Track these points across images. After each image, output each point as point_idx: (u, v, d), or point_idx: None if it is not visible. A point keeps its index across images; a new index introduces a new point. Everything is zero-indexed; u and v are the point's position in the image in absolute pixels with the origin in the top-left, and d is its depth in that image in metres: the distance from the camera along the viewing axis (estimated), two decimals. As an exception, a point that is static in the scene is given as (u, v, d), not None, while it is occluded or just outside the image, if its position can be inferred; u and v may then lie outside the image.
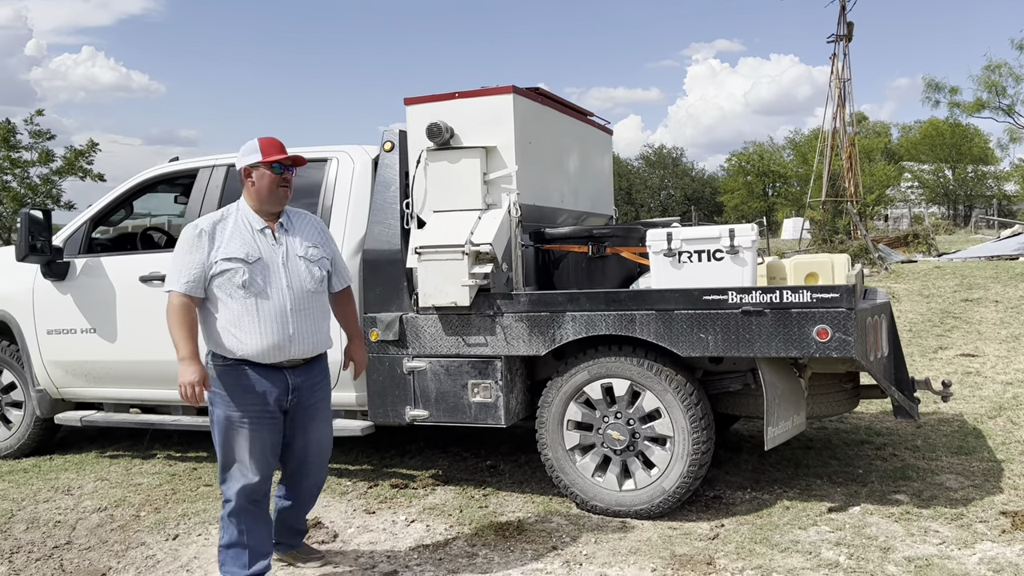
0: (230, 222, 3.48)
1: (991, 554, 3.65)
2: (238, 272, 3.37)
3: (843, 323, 3.83)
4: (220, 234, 3.44)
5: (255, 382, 3.40)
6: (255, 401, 3.40)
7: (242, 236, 3.44)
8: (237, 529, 3.41)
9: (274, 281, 3.43)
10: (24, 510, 4.72)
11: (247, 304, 3.38)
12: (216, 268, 3.38)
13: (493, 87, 4.64)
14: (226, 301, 3.38)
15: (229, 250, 3.39)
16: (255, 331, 3.37)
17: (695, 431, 4.18)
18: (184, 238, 3.45)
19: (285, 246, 3.51)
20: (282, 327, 3.41)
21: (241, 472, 3.40)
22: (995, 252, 19.02)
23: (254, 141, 3.53)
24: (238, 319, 3.37)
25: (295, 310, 3.45)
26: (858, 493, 4.51)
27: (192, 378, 3.32)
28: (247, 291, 3.38)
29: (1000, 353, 8.41)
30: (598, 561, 3.79)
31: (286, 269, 3.47)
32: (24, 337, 5.63)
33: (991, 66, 25.87)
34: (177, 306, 3.37)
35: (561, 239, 4.89)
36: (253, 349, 3.38)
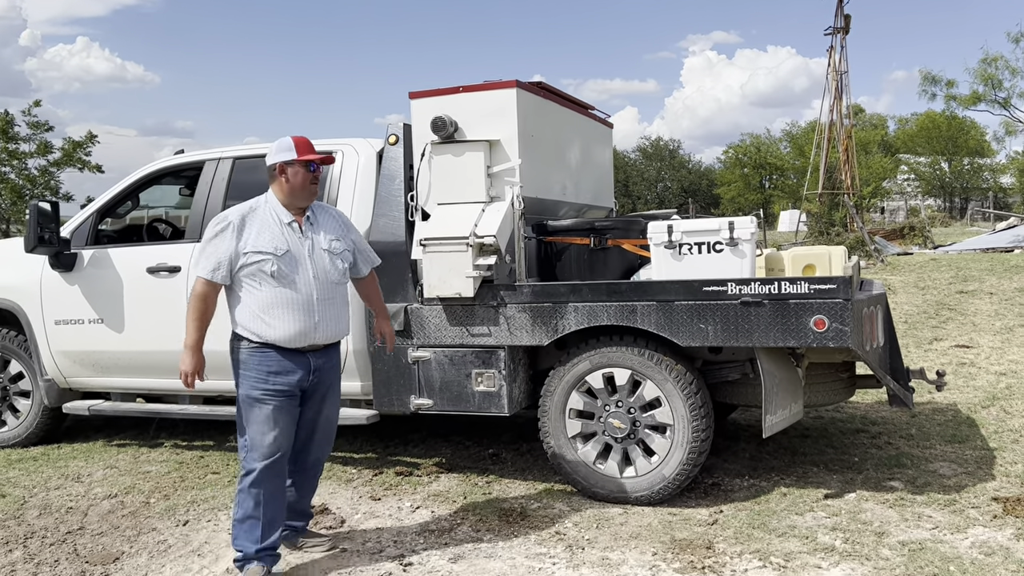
0: (259, 215, 3.65)
1: (983, 538, 3.75)
2: (268, 263, 3.56)
3: (840, 314, 3.92)
4: (250, 226, 3.61)
5: (281, 364, 3.59)
6: (280, 382, 3.59)
7: (271, 229, 3.62)
8: (255, 502, 3.55)
9: (301, 272, 3.62)
10: (36, 497, 4.80)
11: (277, 293, 3.57)
12: (246, 259, 3.56)
13: (496, 81, 4.71)
14: (257, 288, 3.57)
15: (259, 243, 3.58)
16: (284, 318, 3.57)
17: (695, 419, 4.27)
18: (213, 228, 3.61)
19: (311, 239, 3.69)
20: (308, 315, 3.61)
21: (265, 447, 3.56)
22: (990, 244, 19.15)
23: (288, 139, 3.70)
24: (268, 306, 3.56)
25: (320, 300, 3.65)
26: (854, 480, 4.61)
27: (189, 367, 3.54)
28: (277, 281, 3.57)
29: (994, 344, 8.52)
30: (600, 545, 3.88)
31: (312, 261, 3.66)
32: (32, 327, 5.70)
33: (987, 59, 25.95)
34: (200, 293, 3.56)
35: (563, 231, 4.97)
36: (281, 335, 3.56)
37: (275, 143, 3.72)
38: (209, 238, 3.59)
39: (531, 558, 3.78)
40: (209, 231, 3.62)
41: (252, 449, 3.57)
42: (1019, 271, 14.20)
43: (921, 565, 3.50)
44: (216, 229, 3.59)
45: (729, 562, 3.64)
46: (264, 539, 3.56)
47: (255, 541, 3.55)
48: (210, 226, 3.63)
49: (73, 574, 3.73)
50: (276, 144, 3.71)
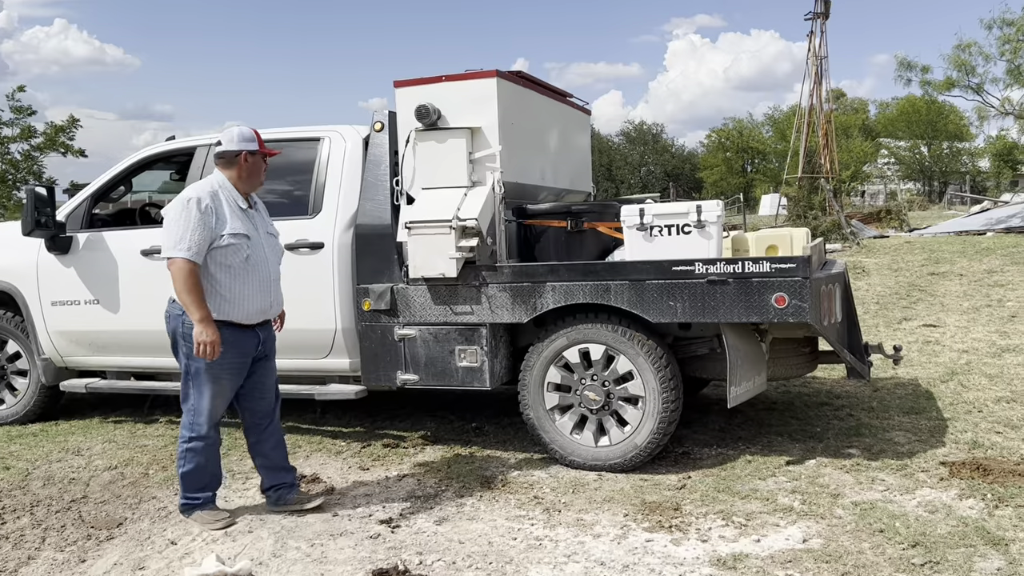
0: (222, 198, 3.92)
1: (929, 498, 4.05)
2: (242, 247, 3.86)
3: (799, 291, 4.19)
4: (221, 207, 3.88)
5: (237, 339, 3.96)
6: (236, 355, 3.98)
7: (236, 213, 3.93)
8: (204, 458, 4.05)
9: (259, 254, 4.00)
10: (39, 469, 5.02)
11: (248, 274, 3.92)
12: (222, 241, 3.81)
13: (478, 71, 4.93)
14: (223, 270, 3.87)
15: (234, 226, 3.86)
16: (248, 297, 3.95)
17: (665, 391, 4.54)
18: (187, 208, 3.79)
19: (257, 224, 4.06)
20: (267, 294, 4.04)
21: (215, 413, 4.03)
22: (964, 227, 19.56)
23: (248, 130, 4.04)
24: (232, 286, 3.88)
25: (273, 279, 4.10)
26: (814, 448, 4.91)
27: (212, 338, 3.80)
28: (246, 263, 3.89)
29: (960, 324, 8.86)
30: (575, 508, 4.16)
31: (264, 243, 4.05)
32: (29, 308, 5.89)
33: (961, 45, 26.26)
34: (187, 271, 3.78)
35: (542, 215, 5.21)
36: (244, 313, 3.94)
37: (233, 131, 4.03)
38: (190, 218, 3.77)
39: (511, 520, 4.04)
40: (184, 211, 3.79)
41: (201, 414, 4.00)
42: (989, 253, 14.58)
43: (870, 522, 3.80)
44: (195, 210, 3.77)
45: (695, 522, 3.92)
46: (209, 488, 4.11)
47: (200, 489, 4.07)
48: (181, 207, 3.80)
49: (80, 538, 3.97)
50: (237, 132, 4.01)
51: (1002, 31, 25.05)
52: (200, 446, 4.03)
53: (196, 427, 4.01)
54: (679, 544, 3.69)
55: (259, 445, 4.23)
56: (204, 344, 3.78)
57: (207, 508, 4.10)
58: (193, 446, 4.02)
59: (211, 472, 4.12)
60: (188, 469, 4.04)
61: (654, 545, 3.70)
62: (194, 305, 3.77)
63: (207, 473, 4.09)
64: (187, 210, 3.81)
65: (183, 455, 4.04)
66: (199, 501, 4.09)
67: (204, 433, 4.02)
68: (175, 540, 3.91)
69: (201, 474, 4.07)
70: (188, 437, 4.03)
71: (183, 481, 4.08)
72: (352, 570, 3.54)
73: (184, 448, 4.04)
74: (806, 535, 3.71)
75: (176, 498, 4.44)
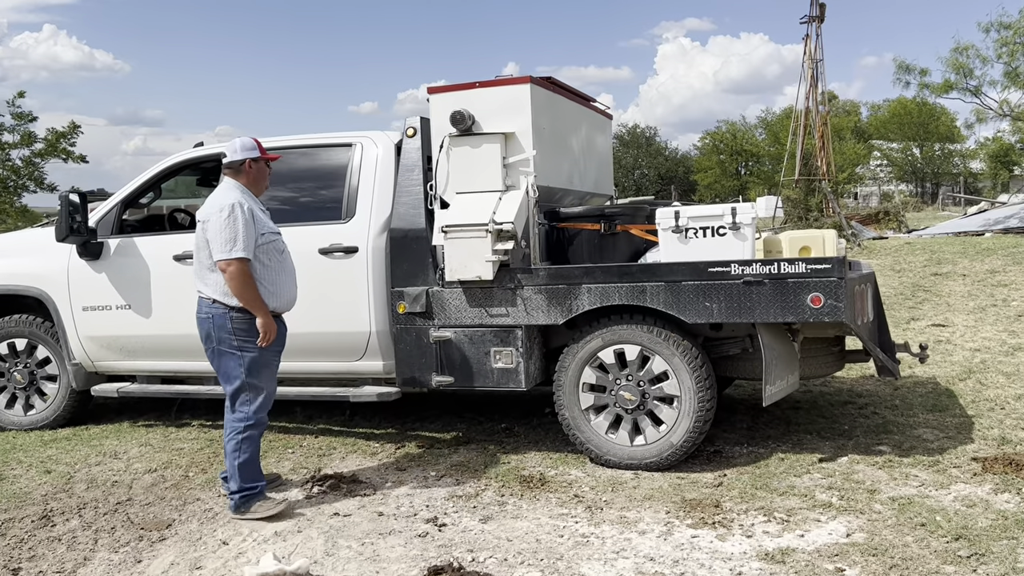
0: (252, 202, 4.26)
1: (964, 493, 4.14)
2: (279, 241, 4.28)
3: (834, 291, 4.28)
4: (255, 210, 4.23)
5: (279, 328, 4.30)
6: (278, 344, 4.31)
7: (264, 214, 4.31)
8: (257, 446, 4.29)
9: (286, 249, 4.38)
10: (80, 472, 5.06)
11: (281, 267, 4.27)
12: (264, 239, 4.19)
13: (511, 77, 5.02)
14: (265, 264, 4.19)
15: (268, 224, 4.26)
16: (286, 288, 4.33)
17: (700, 391, 4.62)
18: (232, 213, 4.10)
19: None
20: (295, 285, 4.42)
21: (267, 397, 4.30)
22: (962, 228, 19.70)
23: (249, 140, 4.39)
24: (275, 278, 4.24)
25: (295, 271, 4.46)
26: (845, 446, 5.00)
27: (274, 328, 4.20)
28: (282, 257, 4.28)
29: (968, 323, 8.97)
30: (617, 506, 4.23)
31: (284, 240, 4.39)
32: (60, 314, 5.93)
33: (959, 48, 26.50)
34: (245, 271, 4.09)
35: (575, 218, 5.28)
36: (285, 302, 4.33)
37: (236, 142, 4.35)
38: (238, 223, 4.08)
39: (555, 518, 4.11)
40: (229, 217, 4.09)
41: (260, 400, 4.24)
42: (990, 254, 14.71)
43: (910, 516, 3.88)
44: (241, 215, 4.10)
45: (737, 518, 4.00)
46: (262, 478, 4.34)
47: (256, 479, 4.26)
48: (227, 213, 4.09)
49: (132, 539, 4.02)
50: (239, 143, 4.33)
51: (999, 34, 25.27)
52: (256, 434, 4.27)
53: (256, 414, 4.23)
54: (724, 540, 3.77)
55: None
56: (271, 334, 4.16)
57: (264, 496, 4.27)
58: (250, 434, 4.23)
59: (258, 459, 4.34)
60: (245, 459, 4.21)
61: (700, 541, 3.77)
62: (257, 301, 4.13)
63: (258, 460, 4.32)
64: (233, 215, 4.07)
65: (239, 445, 4.20)
66: (257, 489, 4.25)
67: (259, 420, 4.25)
68: (226, 540, 3.97)
69: (255, 463, 4.27)
70: (244, 427, 4.22)
71: (241, 472, 4.20)
72: (406, 568, 3.61)
73: (241, 438, 4.21)
74: (849, 529, 3.79)
75: (221, 499, 4.50)
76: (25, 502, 4.58)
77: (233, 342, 4.17)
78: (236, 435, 4.20)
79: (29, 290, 6.03)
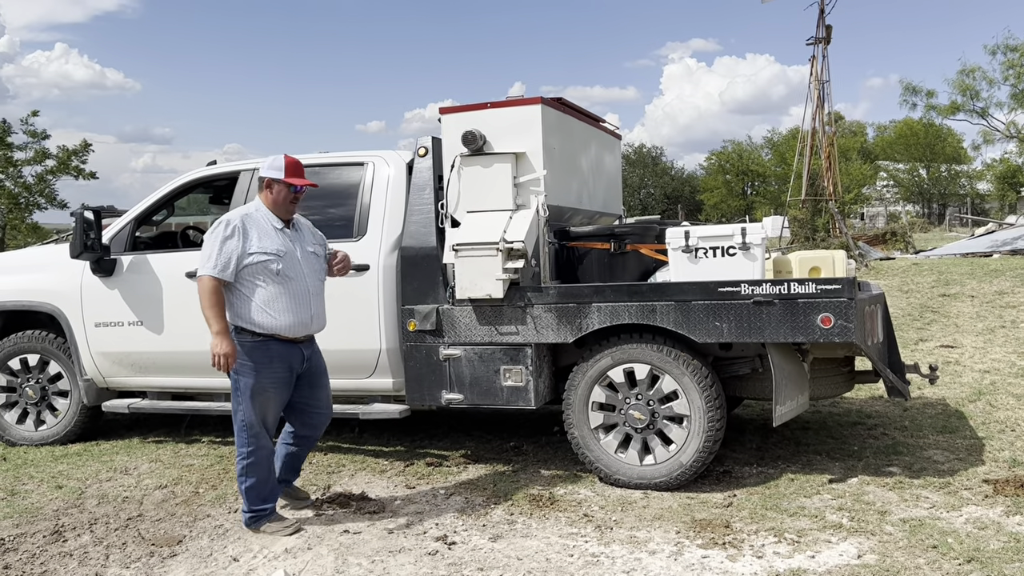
0: (256, 220, 4.20)
1: (976, 515, 4.13)
2: (273, 262, 4.12)
3: (844, 311, 4.29)
4: (251, 229, 4.14)
5: (280, 354, 4.18)
6: (280, 369, 4.18)
7: (270, 234, 4.19)
8: (265, 470, 4.23)
9: (297, 271, 4.21)
10: (91, 488, 5.08)
11: (281, 289, 4.14)
12: (252, 259, 4.09)
13: (522, 98, 5.06)
14: (262, 285, 4.11)
15: (264, 244, 4.14)
16: (287, 310, 4.15)
17: (710, 410, 4.63)
18: (215, 230, 4.11)
19: (299, 243, 4.29)
20: (305, 308, 4.23)
21: (265, 428, 4.21)
22: (970, 249, 19.70)
23: (281, 158, 4.25)
24: (272, 300, 4.11)
25: (313, 295, 4.29)
26: (855, 467, 4.99)
27: (227, 350, 4.02)
28: (281, 278, 4.14)
29: (977, 344, 8.95)
30: (627, 525, 4.23)
31: (303, 261, 4.26)
32: (72, 330, 5.96)
33: (965, 70, 26.68)
34: (211, 288, 4.05)
35: (585, 237, 5.32)
36: (284, 324, 4.14)
37: (270, 158, 4.28)
38: (217, 240, 4.07)
39: (564, 537, 4.11)
40: (215, 233, 4.10)
41: (253, 428, 4.16)
42: (998, 275, 14.69)
43: (922, 538, 3.87)
44: (223, 232, 4.08)
45: (747, 538, 3.99)
46: (272, 499, 4.31)
47: (264, 501, 4.24)
48: (214, 229, 4.13)
49: (143, 555, 4.03)
50: (271, 159, 4.27)
51: (1006, 56, 25.42)
52: (258, 459, 4.18)
53: (250, 441, 4.17)
54: (735, 560, 3.76)
55: (294, 455, 4.50)
56: (219, 356, 4.00)
57: (273, 518, 4.26)
58: (251, 461, 4.18)
59: (272, 483, 4.29)
60: (250, 484, 4.19)
61: (711, 561, 3.77)
62: (214, 319, 4.03)
63: (268, 484, 4.26)
64: (215, 232, 4.13)
65: (243, 471, 4.18)
66: (265, 512, 4.25)
67: (259, 445, 4.18)
68: (237, 557, 3.97)
69: (263, 486, 4.23)
70: (244, 453, 4.18)
71: (247, 496, 4.20)
72: (417, 586, 3.61)
73: (243, 465, 4.18)
74: (860, 551, 3.78)
75: (231, 515, 4.52)
76: (37, 517, 4.60)
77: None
78: (240, 460, 4.19)
79: (42, 306, 6.07)
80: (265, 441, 4.21)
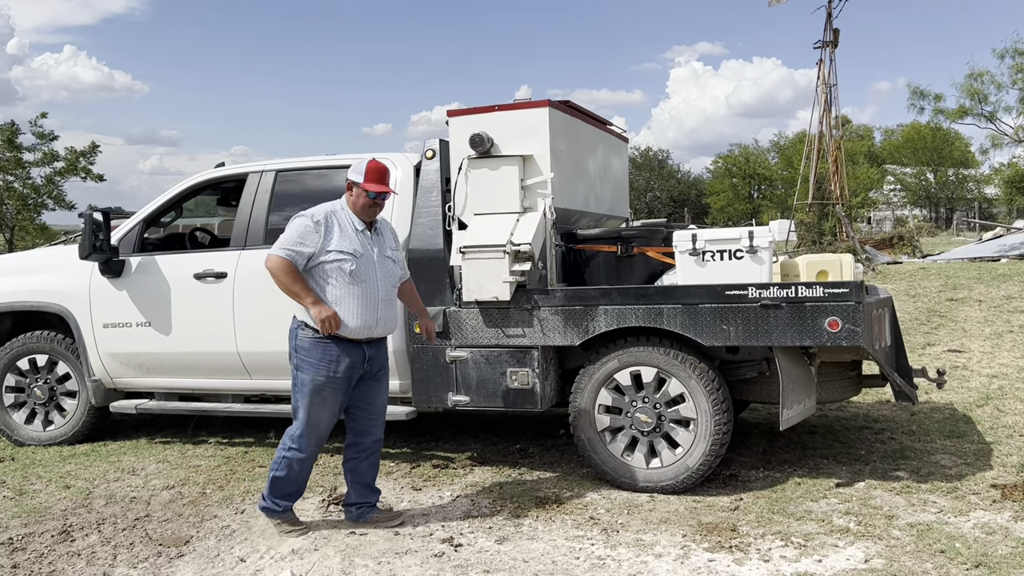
0: (339, 218, 4.17)
1: (984, 520, 4.12)
2: (347, 262, 4.09)
3: (852, 315, 4.29)
4: (333, 227, 4.13)
5: (342, 353, 4.11)
6: (340, 369, 4.11)
7: (349, 234, 4.15)
8: (299, 467, 4.20)
9: (370, 273, 4.17)
10: (99, 488, 5.10)
11: (351, 289, 4.09)
12: (328, 256, 4.08)
13: (529, 101, 5.07)
14: (333, 284, 4.09)
15: (342, 244, 4.11)
16: (355, 312, 4.10)
17: (717, 413, 4.62)
18: (301, 222, 4.11)
19: (377, 246, 4.25)
20: (373, 311, 4.16)
21: (317, 429, 4.17)
22: (978, 254, 19.64)
23: (364, 162, 4.21)
24: (341, 300, 4.08)
25: (383, 299, 4.22)
26: (862, 471, 4.97)
27: (329, 312, 4.01)
28: (352, 278, 4.10)
29: (985, 349, 8.92)
30: (633, 529, 4.22)
31: (378, 265, 4.22)
32: (81, 330, 5.99)
33: (973, 74, 26.63)
34: (285, 266, 4.04)
35: (592, 239, 5.32)
36: (351, 327, 4.10)
37: (359, 161, 4.22)
38: (299, 228, 4.07)
39: (570, 539, 4.11)
40: (299, 221, 4.11)
41: (305, 425, 4.13)
42: (1006, 279, 14.64)
43: (929, 543, 3.86)
44: (306, 223, 4.08)
45: (754, 542, 3.98)
46: (294, 500, 4.28)
47: (287, 498, 4.24)
48: (298, 216, 4.14)
49: (150, 555, 4.04)
50: (356, 163, 4.22)
51: (1015, 60, 25.34)
52: (298, 457, 4.17)
53: (299, 438, 4.16)
54: (742, 564, 3.76)
55: (356, 462, 4.36)
56: (326, 319, 3.99)
57: (286, 516, 4.25)
58: (291, 455, 4.17)
59: (299, 483, 4.27)
60: (280, 475, 4.19)
61: (717, 565, 3.76)
62: (302, 292, 4.04)
63: (295, 483, 4.25)
64: (298, 221, 4.12)
65: (279, 460, 4.19)
66: (280, 508, 4.24)
67: (305, 445, 4.17)
68: (244, 558, 3.99)
69: (290, 483, 4.22)
70: (288, 446, 4.18)
71: (271, 485, 4.22)
72: (423, 588, 3.61)
73: (282, 455, 4.19)
74: (867, 555, 3.77)
75: (238, 516, 4.53)
76: (45, 517, 4.62)
77: (295, 359, 4.16)
78: (281, 450, 4.20)
79: (51, 306, 6.10)
80: (308, 443, 4.17)
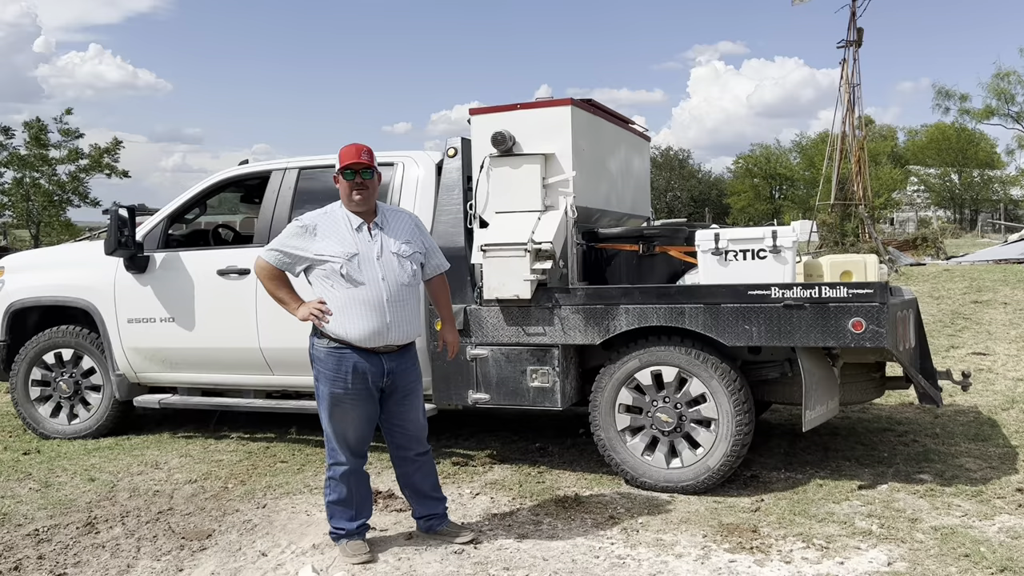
0: (331, 218, 3.93)
1: (1009, 524, 4.07)
2: (337, 264, 3.81)
3: (876, 316, 4.25)
4: (322, 229, 3.89)
5: (356, 364, 3.85)
6: (356, 380, 3.85)
7: (340, 233, 3.88)
8: (346, 487, 3.95)
9: (370, 274, 3.84)
10: (122, 481, 5.16)
11: (349, 294, 3.82)
12: (320, 259, 3.85)
13: (551, 99, 5.06)
14: (331, 289, 3.84)
15: (331, 246, 3.85)
16: (358, 318, 3.81)
17: (738, 414, 4.60)
18: (290, 225, 3.99)
19: (380, 243, 3.90)
20: (380, 316, 3.83)
21: (346, 440, 3.92)
22: (1002, 256, 19.39)
23: (345, 148, 3.91)
24: (343, 307, 3.82)
25: (391, 301, 3.85)
26: (884, 473, 4.93)
27: (312, 307, 3.81)
28: (348, 281, 3.81)
29: (1010, 352, 8.81)
30: (653, 529, 4.21)
31: (380, 264, 3.86)
32: (105, 325, 6.06)
33: (1000, 74, 26.33)
34: (269, 272, 3.94)
35: (614, 238, 5.31)
36: (356, 334, 3.82)
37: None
38: (287, 231, 3.95)
39: (590, 538, 4.10)
40: (288, 226, 3.99)
41: (331, 440, 3.93)
42: (1032, 282, 14.45)
43: (953, 546, 3.82)
44: (294, 226, 3.92)
45: (775, 543, 3.96)
46: (358, 517, 4.00)
47: (351, 519, 3.98)
48: (289, 226, 3.98)
49: (173, 548, 4.08)
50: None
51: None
52: (340, 472, 3.94)
53: (332, 454, 3.95)
54: (763, 565, 3.74)
55: (405, 476, 4.16)
56: (313, 312, 3.79)
57: (352, 540, 3.97)
58: (332, 473, 3.95)
59: (357, 501, 4.01)
60: (332, 499, 3.98)
61: (738, 566, 3.74)
62: (286, 297, 3.92)
63: (352, 502, 3.98)
64: (289, 229, 3.97)
65: (326, 483, 4.00)
66: (343, 532, 3.98)
67: (337, 461, 3.93)
68: (265, 552, 4.01)
69: (347, 504, 3.98)
70: (327, 466, 3.97)
71: (327, 511, 4.02)
72: (443, 584, 3.62)
73: (326, 478, 3.99)
74: (890, 558, 3.74)
75: (260, 511, 4.57)
76: (70, 509, 4.68)
77: (313, 369, 3.94)
78: (327, 471, 3.99)
79: (77, 301, 6.17)
80: (344, 457, 3.92)
